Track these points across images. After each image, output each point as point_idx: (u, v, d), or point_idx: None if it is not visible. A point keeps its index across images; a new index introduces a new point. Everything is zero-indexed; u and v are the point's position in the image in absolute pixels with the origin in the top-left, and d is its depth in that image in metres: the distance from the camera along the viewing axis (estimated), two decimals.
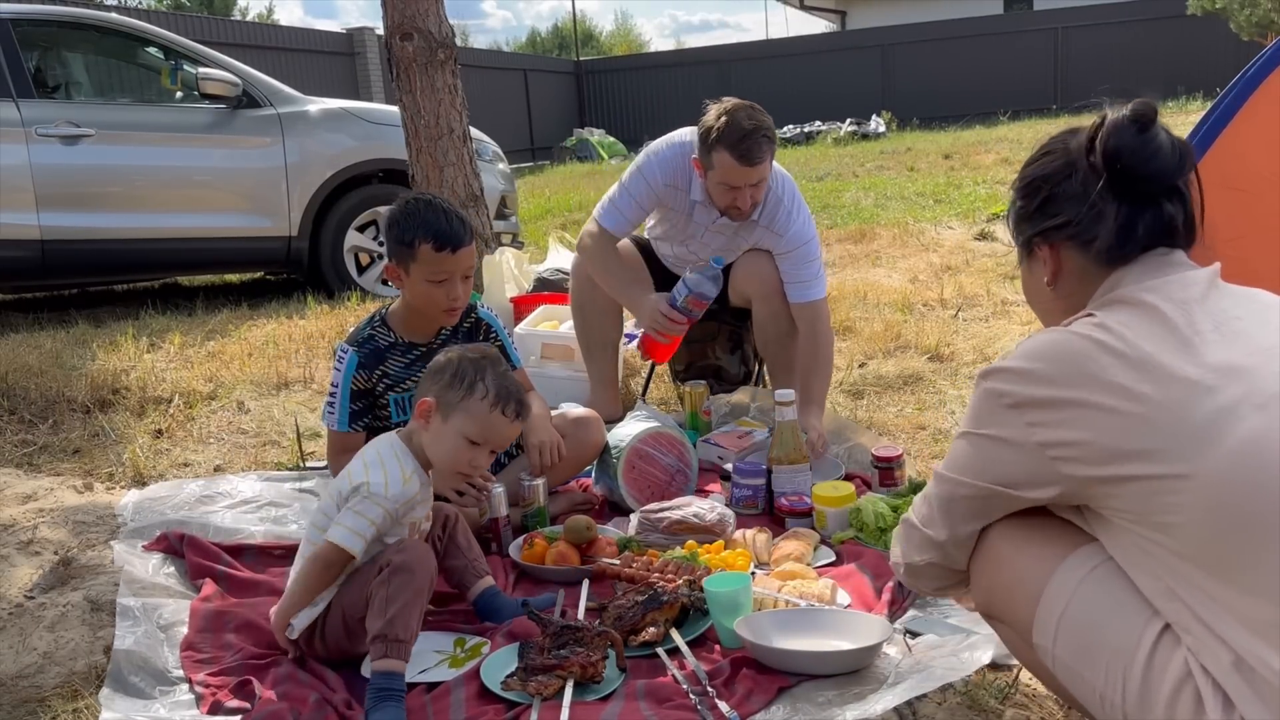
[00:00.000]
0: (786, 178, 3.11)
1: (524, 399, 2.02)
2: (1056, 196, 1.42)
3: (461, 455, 1.95)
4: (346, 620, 1.90)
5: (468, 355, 2.00)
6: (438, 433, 1.95)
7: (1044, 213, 1.44)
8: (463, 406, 1.93)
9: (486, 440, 1.96)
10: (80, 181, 5.49)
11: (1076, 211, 1.39)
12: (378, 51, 15.30)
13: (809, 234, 3.12)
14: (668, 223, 3.26)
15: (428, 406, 1.95)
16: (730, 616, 1.92)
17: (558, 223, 8.83)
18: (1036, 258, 1.47)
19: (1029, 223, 1.47)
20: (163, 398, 3.68)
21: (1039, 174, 1.46)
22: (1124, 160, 1.36)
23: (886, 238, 6.89)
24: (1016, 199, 1.50)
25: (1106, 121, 1.39)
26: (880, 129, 17.17)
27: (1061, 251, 1.43)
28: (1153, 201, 1.37)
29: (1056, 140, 1.47)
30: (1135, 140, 1.36)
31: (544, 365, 3.68)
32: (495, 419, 1.95)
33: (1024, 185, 1.48)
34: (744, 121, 2.80)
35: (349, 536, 1.86)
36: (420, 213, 2.42)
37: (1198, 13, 16.08)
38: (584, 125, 21.00)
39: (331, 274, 6.07)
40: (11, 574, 2.28)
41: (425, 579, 1.85)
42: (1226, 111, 2.41)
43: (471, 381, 1.94)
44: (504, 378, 1.98)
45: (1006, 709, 1.69)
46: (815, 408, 3.00)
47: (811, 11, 28.90)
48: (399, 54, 4.56)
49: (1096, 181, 1.37)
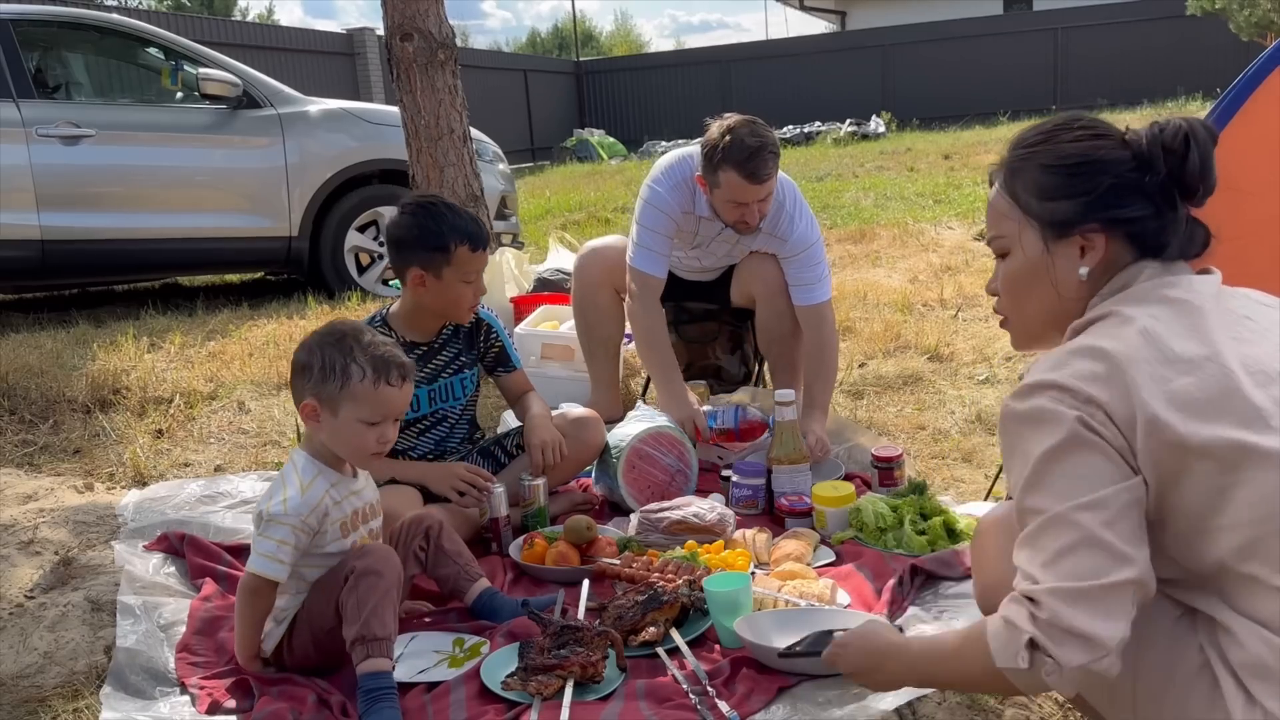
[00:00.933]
0: (788, 182, 3.10)
1: (402, 359, 1.92)
2: (1126, 186, 1.33)
3: (366, 438, 1.88)
4: (314, 632, 1.88)
5: (326, 341, 1.89)
6: (332, 428, 1.88)
7: (1109, 199, 1.33)
8: (345, 395, 1.85)
9: (384, 415, 1.89)
10: (80, 182, 5.49)
11: (1146, 209, 1.32)
12: (378, 52, 15.31)
13: (812, 237, 3.11)
14: (677, 237, 3.20)
15: (312, 408, 1.88)
16: (730, 616, 1.92)
17: (558, 223, 8.83)
18: (1073, 241, 1.35)
19: (1077, 203, 1.34)
20: (163, 398, 3.68)
21: (1095, 156, 1.34)
22: (1206, 176, 1.33)
23: (886, 238, 6.89)
24: (1051, 172, 1.36)
25: (1195, 133, 1.32)
26: (880, 129, 17.17)
27: (1114, 244, 1.34)
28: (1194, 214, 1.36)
29: (1099, 125, 1.38)
30: (1209, 158, 1.33)
31: (544, 365, 3.68)
32: (384, 393, 1.87)
33: (1071, 162, 1.35)
34: (748, 139, 2.78)
35: (263, 562, 1.82)
36: (447, 217, 2.46)
37: (1198, 13, 16.08)
38: (584, 126, 21.01)
39: (332, 274, 6.07)
40: (12, 574, 2.28)
41: (392, 578, 1.83)
42: (1226, 111, 2.42)
43: (344, 367, 1.85)
44: (372, 347, 1.88)
45: (1006, 709, 1.70)
46: (818, 413, 2.99)
47: (811, 12, 28.90)
48: (399, 54, 4.56)
49: (1175, 188, 1.33)
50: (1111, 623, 1.14)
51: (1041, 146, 1.38)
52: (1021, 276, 1.41)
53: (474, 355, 2.69)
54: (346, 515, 1.93)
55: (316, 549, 1.90)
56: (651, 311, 3.10)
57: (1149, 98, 16.79)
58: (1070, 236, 1.35)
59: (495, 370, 2.74)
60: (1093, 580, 1.15)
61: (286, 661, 1.93)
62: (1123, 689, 1.24)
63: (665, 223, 3.07)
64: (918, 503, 2.44)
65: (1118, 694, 1.25)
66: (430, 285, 2.48)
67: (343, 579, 1.82)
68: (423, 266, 2.46)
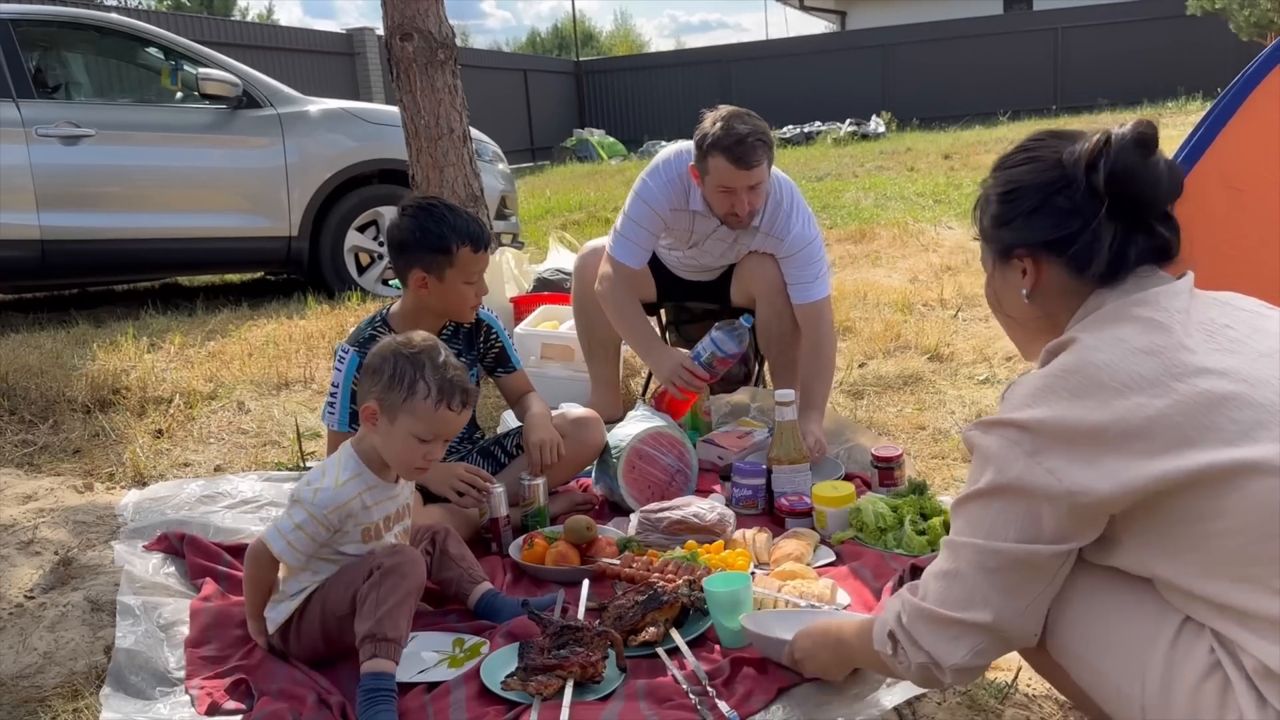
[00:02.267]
0: (786, 181, 3.11)
1: (467, 385, 1.96)
2: (1046, 209, 1.34)
3: (415, 452, 1.92)
4: (325, 617, 1.89)
5: (403, 352, 1.93)
6: (387, 434, 1.92)
7: (1032, 223, 1.36)
8: (407, 408, 1.89)
9: (437, 435, 1.93)
10: (80, 181, 5.49)
11: (1069, 229, 1.32)
12: (378, 52, 15.30)
13: (810, 235, 3.11)
14: (671, 235, 3.24)
15: (372, 411, 1.92)
16: (730, 616, 1.92)
17: (558, 223, 8.83)
18: (1014, 266, 1.40)
19: (1010, 230, 1.39)
20: (163, 398, 3.68)
21: (1027, 181, 1.37)
22: (1129, 185, 1.30)
23: (886, 238, 6.89)
24: (994, 201, 1.42)
25: (1112, 142, 1.31)
26: (880, 129, 17.16)
27: (1044, 265, 1.36)
28: (1147, 225, 1.32)
29: (1042, 144, 1.39)
30: (1140, 164, 1.30)
31: (544, 365, 3.68)
32: (443, 415, 1.91)
33: (1006, 189, 1.40)
34: (738, 126, 2.79)
35: (274, 535, 1.87)
36: (448, 219, 2.46)
37: (1197, 13, 16.09)
38: (584, 125, 21.01)
39: (331, 274, 6.07)
40: (12, 574, 2.28)
41: (415, 582, 1.85)
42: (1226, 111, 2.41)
43: (412, 381, 1.89)
44: (443, 369, 1.93)
45: (1006, 709, 1.70)
46: (816, 413, 2.99)
47: (811, 12, 28.89)
48: (399, 54, 4.55)
49: (1096, 203, 1.31)
50: (951, 648, 1.30)
51: (995, 173, 1.44)
52: (995, 296, 1.48)
53: (474, 356, 2.69)
54: (376, 520, 1.96)
55: (334, 545, 1.93)
56: (620, 292, 3.17)
57: (1149, 98, 16.79)
58: (1010, 261, 1.41)
59: (495, 370, 2.74)
60: (949, 611, 1.29)
61: (292, 645, 1.94)
62: (1130, 691, 1.23)
63: (650, 216, 3.09)
64: (918, 502, 2.44)
65: (1123, 695, 1.25)
66: (433, 287, 2.48)
67: (367, 572, 1.83)
68: (425, 268, 2.46)
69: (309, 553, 1.89)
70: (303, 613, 1.92)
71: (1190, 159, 2.39)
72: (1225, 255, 2.36)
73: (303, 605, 1.93)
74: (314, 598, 1.92)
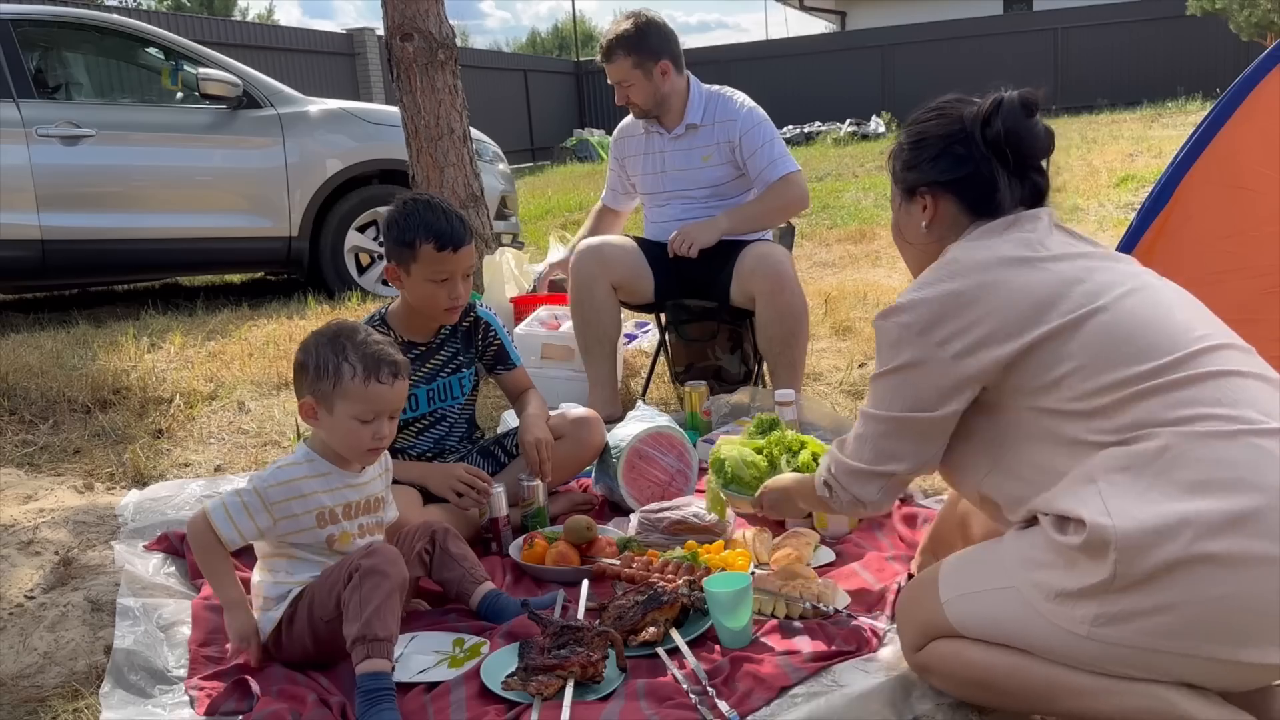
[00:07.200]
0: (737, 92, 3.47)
1: (394, 357, 1.95)
2: (947, 155, 1.67)
3: (361, 435, 1.92)
4: (313, 622, 1.88)
5: (320, 341, 1.94)
6: (330, 425, 1.93)
7: (935, 166, 1.68)
8: (338, 393, 1.90)
9: (377, 412, 1.93)
10: (81, 182, 5.49)
11: (963, 171, 1.65)
12: (378, 52, 15.31)
13: (761, 115, 3.40)
14: (641, 177, 3.54)
15: (310, 407, 1.93)
16: (730, 616, 1.92)
17: (558, 223, 8.83)
18: (916, 202, 1.72)
19: (917, 172, 1.71)
20: (163, 398, 3.68)
21: (932, 131, 1.70)
22: (1013, 139, 1.63)
23: (886, 238, 6.88)
24: (905, 148, 1.73)
25: (1003, 103, 1.63)
26: (880, 129, 17.15)
27: (941, 201, 1.69)
28: (1025, 173, 1.65)
29: (948, 104, 1.71)
30: (1023, 123, 1.64)
31: (544, 365, 3.68)
32: (374, 391, 1.91)
33: (915, 139, 1.72)
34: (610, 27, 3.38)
35: (215, 504, 1.90)
36: (420, 213, 2.43)
37: (1198, 13, 16.07)
38: (584, 125, 21.00)
39: (332, 274, 6.07)
40: (12, 574, 2.28)
41: (397, 581, 1.84)
42: (1226, 110, 2.41)
43: (336, 366, 1.90)
44: (364, 345, 1.92)
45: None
46: (734, 213, 3.32)
47: (811, 12, 28.88)
48: (399, 54, 4.56)
49: (987, 150, 1.63)
50: (868, 489, 1.70)
51: (908, 127, 1.76)
52: (899, 228, 1.81)
53: (472, 354, 2.69)
54: (330, 506, 1.95)
55: (288, 536, 1.92)
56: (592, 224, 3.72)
57: (1149, 98, 16.77)
58: (914, 199, 1.73)
59: (495, 369, 2.73)
60: (864, 465, 1.69)
61: (285, 648, 1.93)
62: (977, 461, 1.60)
63: (618, 148, 3.63)
64: (782, 439, 2.49)
65: (969, 464, 1.61)
66: (404, 281, 2.48)
67: (347, 575, 1.83)
68: (395, 261, 2.47)
69: (248, 533, 1.89)
70: (290, 619, 1.91)
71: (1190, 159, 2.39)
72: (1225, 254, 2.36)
73: (290, 612, 1.92)
74: (299, 605, 1.91)
